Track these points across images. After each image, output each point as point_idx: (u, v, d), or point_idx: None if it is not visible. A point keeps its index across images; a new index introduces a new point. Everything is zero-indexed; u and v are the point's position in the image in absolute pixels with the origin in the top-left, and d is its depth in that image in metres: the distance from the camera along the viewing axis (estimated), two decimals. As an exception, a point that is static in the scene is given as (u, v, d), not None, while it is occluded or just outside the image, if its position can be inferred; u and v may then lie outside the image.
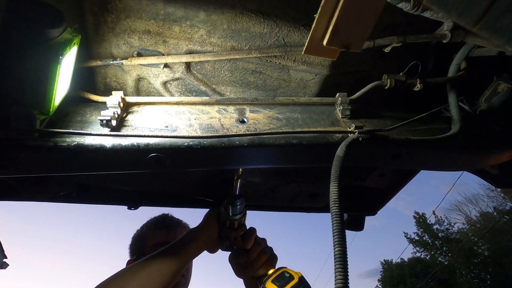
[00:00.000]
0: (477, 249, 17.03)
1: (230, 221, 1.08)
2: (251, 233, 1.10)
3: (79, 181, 1.31)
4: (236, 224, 1.08)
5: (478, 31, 0.37)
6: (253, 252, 1.07)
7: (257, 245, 1.08)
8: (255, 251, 1.07)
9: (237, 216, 1.07)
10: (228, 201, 1.06)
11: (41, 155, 0.78)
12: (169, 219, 1.41)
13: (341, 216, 0.63)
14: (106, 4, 0.81)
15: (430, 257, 18.73)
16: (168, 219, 1.41)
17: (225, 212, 1.07)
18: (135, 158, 0.82)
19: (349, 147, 0.77)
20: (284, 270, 0.99)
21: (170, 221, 1.39)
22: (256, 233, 1.12)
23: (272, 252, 1.12)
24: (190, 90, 1.01)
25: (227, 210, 1.06)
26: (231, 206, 1.06)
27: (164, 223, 1.37)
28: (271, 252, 1.11)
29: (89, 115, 0.88)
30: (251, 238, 1.08)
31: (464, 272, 16.93)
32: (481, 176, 1.18)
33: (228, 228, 1.09)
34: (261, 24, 0.85)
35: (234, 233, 1.08)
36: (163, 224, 1.37)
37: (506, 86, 0.95)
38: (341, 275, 0.57)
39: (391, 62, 1.00)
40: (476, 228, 18.36)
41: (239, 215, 1.08)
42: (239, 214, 1.07)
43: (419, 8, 0.65)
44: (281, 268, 1.02)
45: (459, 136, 0.88)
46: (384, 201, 1.50)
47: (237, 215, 1.07)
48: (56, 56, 0.68)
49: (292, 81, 1.00)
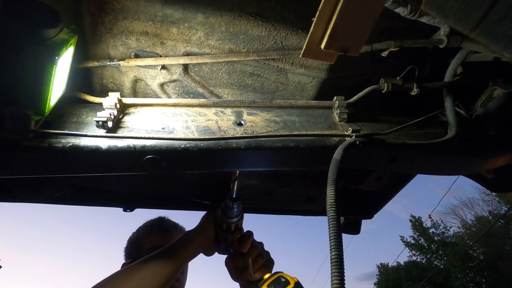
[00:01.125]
0: (473, 252, 17.11)
1: (226, 224, 1.07)
2: (247, 236, 1.09)
3: (74, 183, 1.30)
4: (233, 227, 1.08)
5: (476, 37, 0.37)
6: (249, 256, 1.06)
7: (254, 249, 1.08)
8: (252, 255, 1.06)
9: (233, 219, 1.06)
10: (224, 204, 1.06)
11: (35, 156, 0.77)
12: (165, 222, 1.40)
13: (337, 219, 0.63)
14: (104, 5, 0.80)
15: (426, 260, 18.77)
16: (164, 222, 1.39)
17: (221, 215, 1.06)
18: (131, 160, 0.81)
19: (346, 151, 0.77)
20: (280, 275, 0.98)
21: (166, 225, 1.38)
22: (253, 237, 1.11)
23: (269, 256, 1.11)
24: (187, 92, 1.01)
25: (224, 212, 1.06)
26: (228, 209, 1.05)
27: (160, 227, 1.35)
28: (268, 257, 1.10)
29: (85, 116, 0.87)
30: (247, 242, 1.07)
31: (459, 275, 16.98)
32: (477, 180, 1.19)
33: (224, 231, 1.08)
34: (259, 27, 0.85)
35: (230, 236, 1.08)
36: (159, 227, 1.35)
37: (501, 92, 0.96)
38: (338, 279, 0.56)
39: (388, 66, 1.00)
40: (471, 232, 18.45)
41: (236, 218, 1.07)
42: (235, 217, 1.07)
43: (416, 13, 0.66)
44: (278, 272, 1.01)
45: (455, 140, 0.89)
46: (381, 205, 1.51)
47: (234, 218, 1.06)
48: (52, 56, 0.67)
49: (290, 84, 1.00)
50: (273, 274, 1.01)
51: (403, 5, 0.65)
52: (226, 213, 1.05)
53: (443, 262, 18.00)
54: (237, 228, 1.09)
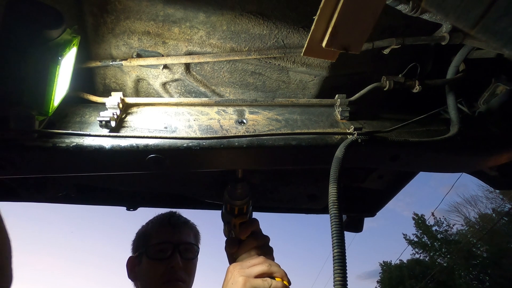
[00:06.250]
0: (476, 250, 17.04)
1: (230, 205, 1.03)
2: (249, 223, 1.02)
3: (78, 182, 1.31)
4: (236, 210, 1.03)
5: (476, 34, 0.37)
6: (245, 245, 0.99)
7: (252, 239, 1.00)
8: (248, 245, 0.99)
9: (237, 202, 1.02)
10: (230, 184, 1.02)
11: (40, 156, 0.78)
12: (176, 217, 1.35)
13: (340, 217, 0.63)
14: (106, 5, 0.81)
15: (429, 258, 18.73)
16: (174, 218, 1.35)
17: (226, 195, 1.03)
18: (134, 159, 0.82)
19: (348, 149, 0.77)
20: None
21: (177, 220, 1.34)
22: (258, 228, 1.04)
23: (268, 251, 1.02)
24: (189, 91, 1.02)
25: (228, 193, 1.02)
26: (231, 189, 1.01)
27: (170, 221, 1.32)
28: (267, 251, 1.01)
29: (88, 116, 0.87)
30: (247, 229, 1.01)
31: (463, 273, 16.93)
32: (480, 177, 1.19)
33: (228, 213, 1.04)
34: (261, 25, 0.85)
35: (233, 219, 1.03)
36: (168, 222, 1.31)
37: (504, 88, 0.95)
38: (340, 276, 0.57)
39: (390, 64, 1.00)
40: (475, 230, 18.37)
41: (240, 201, 1.02)
42: (239, 200, 1.02)
43: (417, 10, 0.65)
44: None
45: (458, 137, 0.88)
46: (383, 203, 1.51)
47: (237, 201, 1.02)
48: (56, 57, 0.68)
49: (291, 82, 1.00)
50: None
51: (404, 3, 0.64)
52: (230, 194, 1.02)
53: (446, 260, 17.95)
54: (241, 213, 1.04)
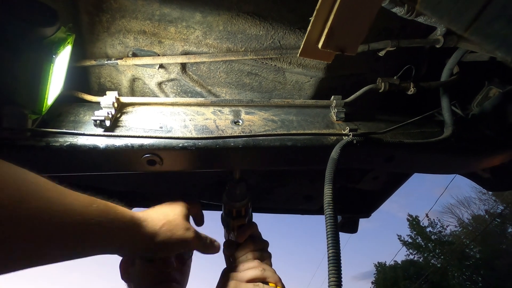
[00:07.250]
0: (469, 251, 17.22)
1: (228, 206, 1.01)
2: (247, 227, 1.01)
3: (72, 182, 1.29)
4: (234, 212, 1.01)
5: (469, 36, 0.38)
6: (242, 249, 0.98)
7: (249, 243, 0.99)
8: (245, 249, 0.98)
9: (236, 204, 1.00)
10: (228, 185, 1.01)
11: (32, 155, 0.77)
12: None
13: (335, 218, 0.63)
14: (101, 4, 0.80)
15: (423, 259, 18.86)
16: None
17: (224, 196, 1.01)
18: (129, 158, 0.81)
19: (343, 150, 0.77)
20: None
21: None
22: (257, 231, 1.03)
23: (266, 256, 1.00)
24: (185, 91, 1.01)
25: (226, 194, 1.00)
26: (229, 190, 1.00)
27: None
28: (265, 256, 1.00)
29: (83, 115, 0.87)
30: (244, 232, 1.00)
31: (456, 274, 17.08)
32: (473, 179, 1.20)
33: (226, 215, 1.03)
34: (257, 26, 0.86)
35: (232, 222, 1.02)
36: None
37: (497, 91, 0.97)
38: (335, 277, 0.57)
39: (385, 66, 1.01)
40: (468, 231, 18.57)
41: (238, 203, 1.00)
42: (237, 202, 1.00)
43: (413, 13, 0.66)
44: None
45: (452, 139, 0.89)
46: (378, 204, 1.51)
47: (235, 202, 1.00)
48: (50, 55, 0.67)
49: (288, 83, 1.00)
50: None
51: (399, 5, 0.65)
52: (228, 195, 1.00)
53: (440, 260, 18.10)
54: (239, 215, 1.02)
